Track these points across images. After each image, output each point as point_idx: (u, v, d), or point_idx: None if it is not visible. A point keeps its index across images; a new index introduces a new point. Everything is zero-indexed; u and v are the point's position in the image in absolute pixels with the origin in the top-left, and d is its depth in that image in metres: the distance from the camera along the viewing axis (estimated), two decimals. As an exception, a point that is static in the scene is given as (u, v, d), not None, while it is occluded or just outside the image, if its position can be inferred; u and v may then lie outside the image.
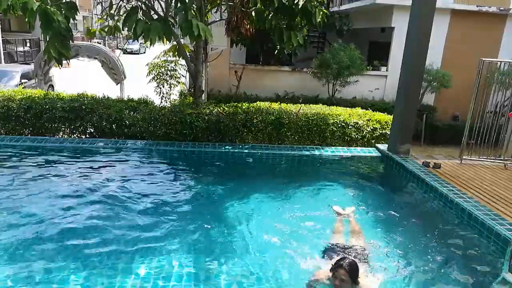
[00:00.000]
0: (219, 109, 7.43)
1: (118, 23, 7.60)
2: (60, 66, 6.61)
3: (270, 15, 7.14)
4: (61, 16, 5.72)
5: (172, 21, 6.94)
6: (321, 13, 6.86)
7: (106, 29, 7.88)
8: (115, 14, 7.60)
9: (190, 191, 5.72)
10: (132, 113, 7.45)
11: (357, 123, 7.58)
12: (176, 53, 8.45)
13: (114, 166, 6.38)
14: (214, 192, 5.67)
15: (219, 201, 5.40)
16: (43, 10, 5.50)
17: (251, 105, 7.89)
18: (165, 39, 6.21)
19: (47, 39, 6.11)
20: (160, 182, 5.94)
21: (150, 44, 6.07)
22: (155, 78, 11.67)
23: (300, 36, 7.21)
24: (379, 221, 5.12)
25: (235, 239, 4.46)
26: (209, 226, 4.65)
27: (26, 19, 5.49)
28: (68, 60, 6.59)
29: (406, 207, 5.88)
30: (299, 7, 6.55)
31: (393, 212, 5.59)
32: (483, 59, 6.33)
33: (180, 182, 6.08)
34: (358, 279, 3.49)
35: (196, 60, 7.98)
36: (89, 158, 6.59)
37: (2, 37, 21.60)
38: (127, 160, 6.61)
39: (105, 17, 7.84)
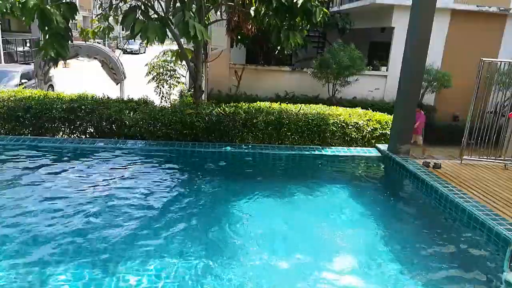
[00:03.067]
0: (219, 109, 7.42)
1: (115, 24, 7.60)
2: (55, 66, 6.59)
3: (270, 14, 7.13)
4: (59, 16, 5.69)
5: (172, 21, 6.94)
6: (322, 12, 6.84)
7: (97, 30, 7.88)
8: (111, 14, 7.60)
9: (189, 191, 5.71)
10: (132, 113, 7.45)
11: (357, 123, 7.57)
12: (179, 56, 8.41)
13: (114, 166, 6.38)
14: (213, 192, 5.67)
15: (218, 201, 5.39)
16: (41, 9, 5.48)
17: (251, 105, 7.88)
18: (162, 38, 6.17)
19: (45, 38, 6.09)
20: (160, 182, 5.93)
21: (147, 44, 6.06)
22: (155, 78, 11.70)
23: (298, 36, 7.19)
24: (379, 221, 5.12)
25: (233, 239, 4.46)
26: (208, 226, 4.65)
27: (24, 18, 5.47)
28: (65, 60, 6.56)
29: (406, 207, 5.88)
30: (298, 6, 6.52)
31: (393, 213, 5.60)
32: (483, 59, 6.33)
33: (180, 182, 6.07)
34: None
35: (196, 60, 7.97)
36: (89, 158, 6.58)
37: (2, 37, 21.60)
38: (127, 160, 6.61)
39: (100, 18, 7.85)
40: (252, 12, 7.26)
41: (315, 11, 6.76)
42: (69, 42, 6.38)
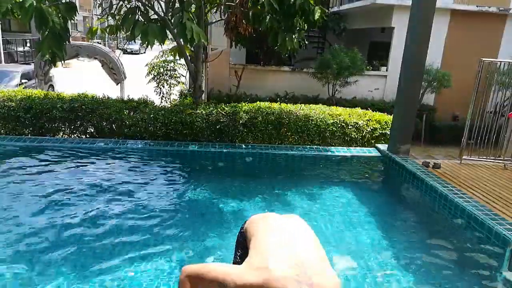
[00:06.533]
0: (219, 109, 7.43)
1: (118, 22, 7.57)
2: (53, 66, 6.56)
3: (268, 16, 7.10)
4: (56, 17, 5.66)
5: (171, 21, 6.93)
6: (319, 11, 6.80)
7: (107, 29, 7.85)
8: (115, 13, 7.57)
9: (189, 191, 5.72)
10: (132, 113, 7.46)
11: (357, 123, 7.57)
12: (178, 54, 8.42)
13: (114, 166, 6.39)
14: (213, 192, 5.67)
15: (218, 201, 5.40)
16: (39, 9, 5.45)
17: (251, 105, 7.89)
18: (162, 40, 6.18)
19: (43, 38, 6.06)
20: (160, 182, 5.95)
21: (147, 46, 6.06)
22: (155, 78, 11.71)
23: (295, 40, 7.16)
24: (379, 221, 5.12)
25: (232, 240, 4.46)
26: (207, 227, 4.66)
27: (19, 16, 5.44)
28: (63, 61, 6.52)
29: (406, 207, 5.89)
30: (296, 8, 6.50)
31: (392, 213, 5.61)
32: (483, 59, 6.33)
33: (180, 182, 6.08)
34: None
35: (196, 60, 7.97)
36: (89, 158, 6.59)
37: (2, 37, 21.59)
38: (127, 160, 6.62)
39: (106, 16, 7.82)
40: (251, 13, 7.23)
41: (312, 10, 6.73)
42: (67, 42, 6.35)
